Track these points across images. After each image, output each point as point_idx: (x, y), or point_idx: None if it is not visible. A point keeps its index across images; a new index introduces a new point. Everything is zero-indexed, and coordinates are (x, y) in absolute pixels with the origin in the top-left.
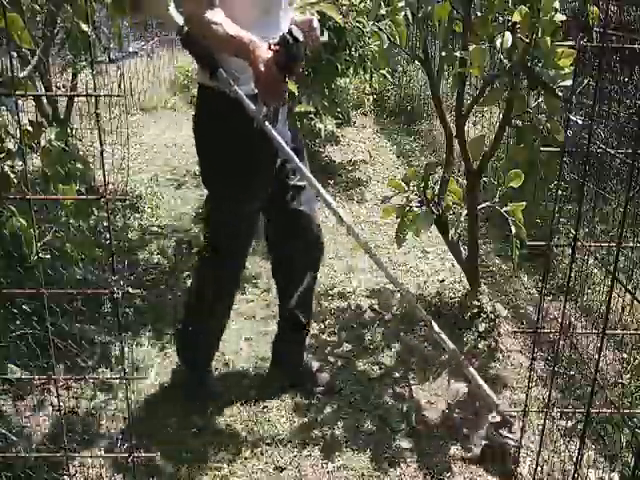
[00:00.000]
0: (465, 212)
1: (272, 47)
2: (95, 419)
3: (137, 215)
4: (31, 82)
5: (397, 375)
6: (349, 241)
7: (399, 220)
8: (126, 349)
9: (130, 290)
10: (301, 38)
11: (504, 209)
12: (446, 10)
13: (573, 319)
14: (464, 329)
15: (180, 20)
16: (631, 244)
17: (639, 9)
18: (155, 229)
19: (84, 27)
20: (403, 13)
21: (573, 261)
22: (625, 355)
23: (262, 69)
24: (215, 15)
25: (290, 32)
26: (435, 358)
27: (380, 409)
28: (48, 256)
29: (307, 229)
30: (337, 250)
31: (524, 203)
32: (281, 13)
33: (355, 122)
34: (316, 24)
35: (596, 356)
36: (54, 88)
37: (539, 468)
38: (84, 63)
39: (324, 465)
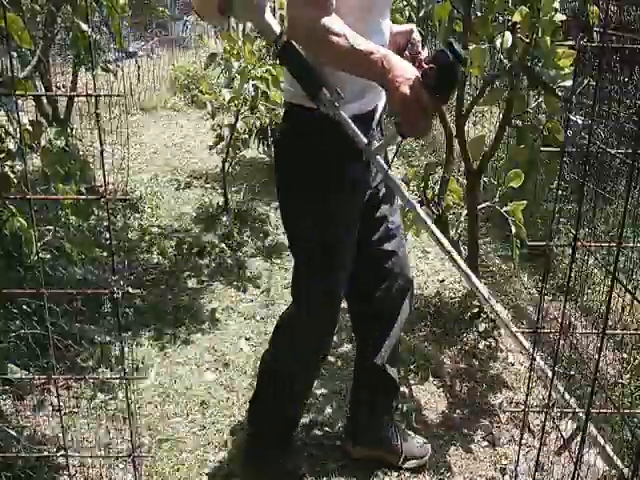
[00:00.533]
0: (465, 212)
1: (423, 65)
2: (95, 419)
3: (137, 215)
4: (31, 82)
5: None
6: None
7: None
8: (126, 349)
9: (130, 290)
10: (463, 55)
11: (504, 209)
12: (446, 10)
13: (573, 319)
14: (464, 329)
15: (278, 28)
16: (631, 244)
17: (639, 9)
18: (155, 229)
19: (84, 27)
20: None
21: (573, 261)
22: (625, 355)
23: (407, 93)
24: (334, 23)
25: (450, 46)
26: (435, 358)
27: None
28: (48, 256)
29: (399, 274)
30: None
31: (525, 202)
32: (381, 20)
33: None
34: (417, 35)
35: (596, 356)
36: (54, 88)
37: (539, 468)
38: (100, 61)
39: (324, 465)
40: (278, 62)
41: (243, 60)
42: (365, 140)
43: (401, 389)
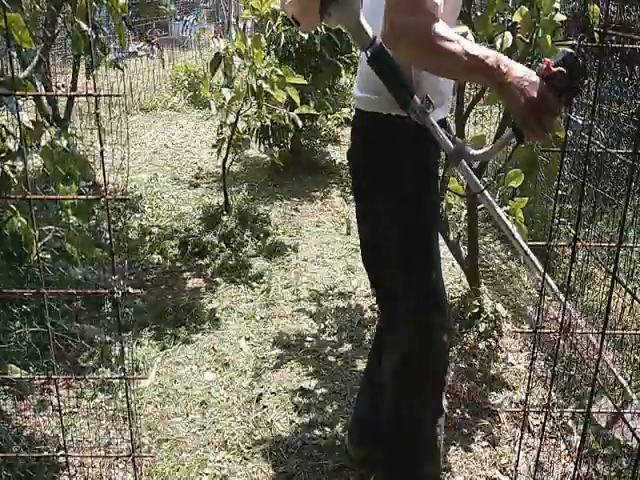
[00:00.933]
0: (465, 212)
1: (551, 68)
2: (95, 419)
3: (137, 215)
4: (31, 82)
5: None
6: (349, 241)
7: None
8: (126, 349)
9: (130, 290)
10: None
11: (504, 209)
12: None
13: (573, 319)
14: (464, 329)
15: (371, 33)
16: (631, 244)
17: (639, 9)
18: (155, 229)
19: (84, 27)
20: None
21: (573, 261)
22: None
23: (533, 96)
24: (445, 29)
25: (572, 47)
26: None
27: None
28: (48, 256)
29: None
30: (337, 250)
31: (526, 199)
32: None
33: None
34: (470, 37)
35: (596, 356)
36: (54, 88)
37: (539, 467)
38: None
39: (324, 465)
40: (371, 67)
41: (249, 58)
42: (452, 146)
43: None
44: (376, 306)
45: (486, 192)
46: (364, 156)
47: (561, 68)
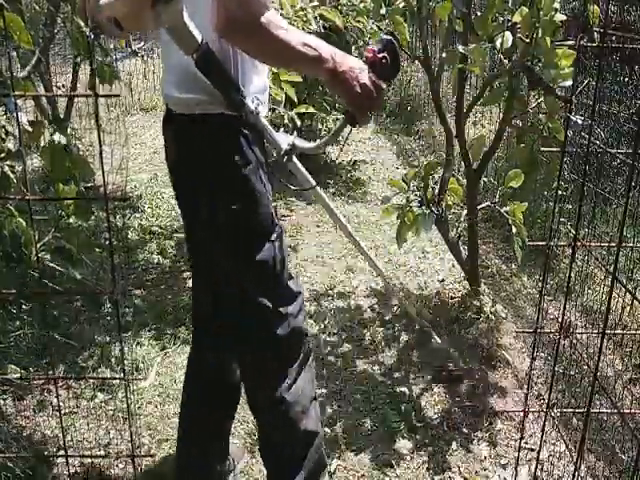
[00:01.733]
0: (465, 212)
1: (376, 54)
2: (95, 419)
3: (137, 215)
4: (31, 82)
5: (397, 375)
6: (349, 241)
7: (399, 221)
8: (126, 349)
9: (130, 290)
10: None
11: (504, 209)
12: (446, 9)
13: (573, 319)
14: (464, 329)
15: (199, 35)
16: (631, 244)
17: (639, 9)
18: (155, 229)
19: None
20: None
21: (573, 261)
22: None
23: (368, 83)
24: (277, 18)
25: (391, 33)
26: (435, 358)
27: (380, 409)
28: (48, 256)
29: None
30: (337, 250)
31: (525, 204)
32: None
33: None
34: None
35: (596, 356)
36: (54, 88)
37: (539, 468)
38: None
39: None
40: (199, 70)
41: None
42: (279, 140)
43: (402, 389)
44: (376, 306)
45: (318, 188)
46: (179, 153)
47: (385, 54)
